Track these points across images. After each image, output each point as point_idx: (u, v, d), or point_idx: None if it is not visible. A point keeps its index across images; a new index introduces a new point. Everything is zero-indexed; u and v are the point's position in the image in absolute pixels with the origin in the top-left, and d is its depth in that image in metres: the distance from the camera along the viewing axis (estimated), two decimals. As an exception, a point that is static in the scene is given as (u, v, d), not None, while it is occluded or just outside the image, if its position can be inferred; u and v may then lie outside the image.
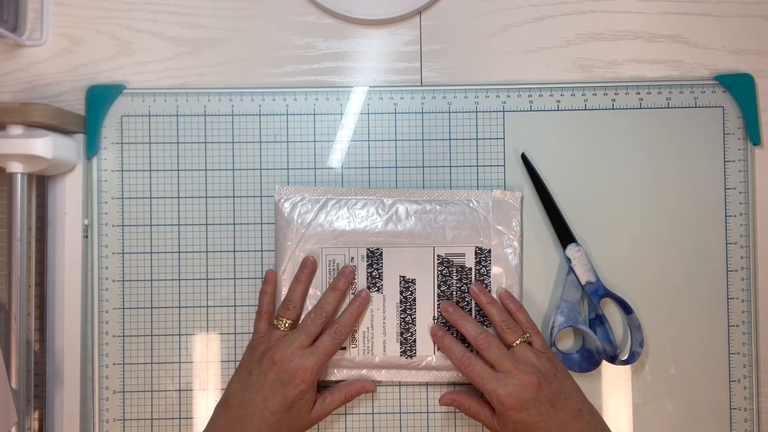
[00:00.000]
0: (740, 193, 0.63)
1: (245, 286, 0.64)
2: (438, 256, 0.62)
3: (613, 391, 0.63)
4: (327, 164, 0.64)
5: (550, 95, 0.64)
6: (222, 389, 0.63)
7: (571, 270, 0.62)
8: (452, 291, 0.62)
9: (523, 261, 0.63)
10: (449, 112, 0.64)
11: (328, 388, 0.60)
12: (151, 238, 0.64)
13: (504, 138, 0.64)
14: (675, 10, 0.65)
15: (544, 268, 0.63)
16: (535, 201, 0.64)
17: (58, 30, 0.65)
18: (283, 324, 0.58)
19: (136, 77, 0.65)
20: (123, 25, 0.65)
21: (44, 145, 0.57)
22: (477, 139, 0.64)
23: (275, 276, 0.61)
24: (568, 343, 0.64)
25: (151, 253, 0.64)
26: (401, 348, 0.61)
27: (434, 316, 0.62)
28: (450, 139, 0.64)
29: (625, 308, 0.62)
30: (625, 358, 0.62)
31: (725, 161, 0.64)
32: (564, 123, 0.64)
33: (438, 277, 0.62)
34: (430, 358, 0.61)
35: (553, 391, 0.55)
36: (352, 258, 0.62)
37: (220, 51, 0.65)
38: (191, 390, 0.63)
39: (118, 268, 0.64)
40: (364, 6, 0.64)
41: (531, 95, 0.64)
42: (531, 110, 0.64)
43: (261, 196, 0.64)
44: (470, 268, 0.62)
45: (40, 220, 0.63)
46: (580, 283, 0.62)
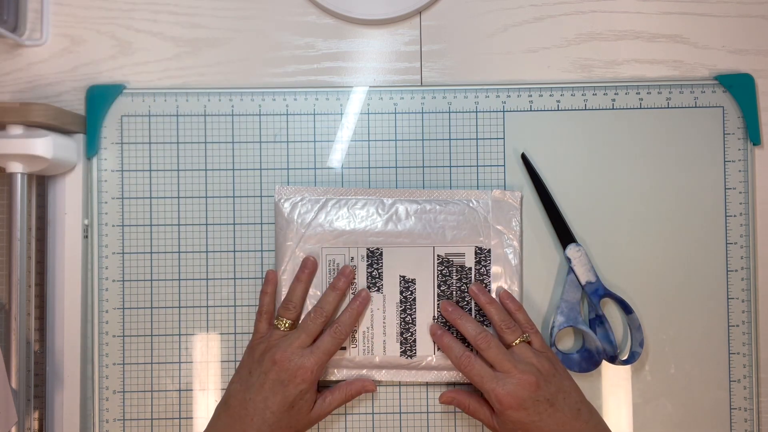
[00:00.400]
0: (740, 193, 0.63)
1: (245, 286, 0.64)
2: (438, 256, 0.62)
3: (613, 391, 0.63)
4: (327, 164, 0.64)
5: (550, 95, 0.64)
6: (222, 389, 0.63)
7: (571, 270, 0.62)
8: (452, 291, 0.62)
9: (523, 261, 0.63)
10: (449, 112, 0.64)
11: (329, 387, 0.60)
12: (151, 238, 0.64)
13: (504, 138, 0.64)
14: (675, 10, 0.65)
15: (544, 268, 0.63)
16: (535, 201, 0.64)
17: (58, 30, 0.65)
18: (284, 324, 0.58)
19: (136, 77, 0.65)
20: (123, 25, 0.65)
21: (44, 145, 0.57)
22: (477, 139, 0.64)
23: (276, 276, 0.61)
24: (568, 343, 0.64)
25: (151, 253, 0.64)
26: (401, 348, 0.61)
27: (434, 316, 0.62)
28: (450, 139, 0.64)
29: (625, 308, 0.62)
30: (625, 358, 0.62)
31: (725, 161, 0.64)
32: (564, 123, 0.64)
33: (438, 276, 0.62)
34: (430, 358, 0.61)
35: (552, 391, 0.55)
36: (352, 258, 0.62)
37: (220, 51, 0.65)
38: (191, 390, 0.63)
39: (118, 268, 0.64)
40: (364, 6, 0.64)
41: (531, 95, 0.64)
42: (531, 110, 0.64)
43: (261, 196, 0.64)
44: (470, 268, 0.62)
45: (40, 220, 0.63)
46: (580, 283, 0.62)
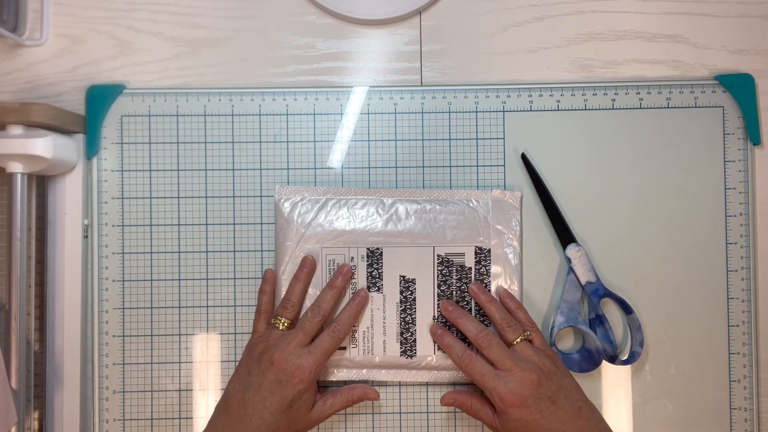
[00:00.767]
0: (740, 193, 0.63)
1: (245, 286, 0.64)
2: (438, 255, 0.62)
3: (613, 391, 0.63)
4: (327, 164, 0.64)
5: (550, 95, 0.64)
6: (222, 389, 0.63)
7: (571, 270, 0.62)
8: (452, 291, 0.62)
9: (523, 261, 0.63)
10: (449, 112, 0.64)
11: (330, 390, 0.60)
12: (151, 238, 0.64)
13: (504, 138, 0.64)
14: (675, 10, 0.65)
15: (544, 268, 0.63)
16: (535, 201, 0.64)
17: (58, 30, 0.65)
18: (282, 323, 0.58)
19: (136, 77, 0.65)
20: (123, 25, 0.65)
21: (44, 145, 0.57)
22: (477, 139, 0.64)
23: (274, 275, 0.61)
24: (568, 343, 0.64)
25: (151, 253, 0.64)
26: (401, 348, 0.61)
27: (434, 316, 0.61)
28: (450, 139, 0.64)
29: (625, 308, 0.62)
30: (625, 358, 0.62)
31: (725, 161, 0.64)
32: (564, 123, 0.64)
33: (438, 276, 0.62)
34: (430, 358, 0.61)
35: (553, 389, 0.55)
36: (352, 258, 0.62)
37: (220, 51, 0.65)
38: (191, 390, 0.63)
39: (118, 268, 0.64)
40: (364, 6, 0.64)
41: (531, 95, 0.64)
42: (531, 110, 0.64)
43: (261, 196, 0.64)
44: (470, 268, 0.62)
45: (40, 220, 0.63)
46: (580, 283, 0.62)
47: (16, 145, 0.57)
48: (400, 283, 0.62)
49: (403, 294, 0.62)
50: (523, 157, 0.64)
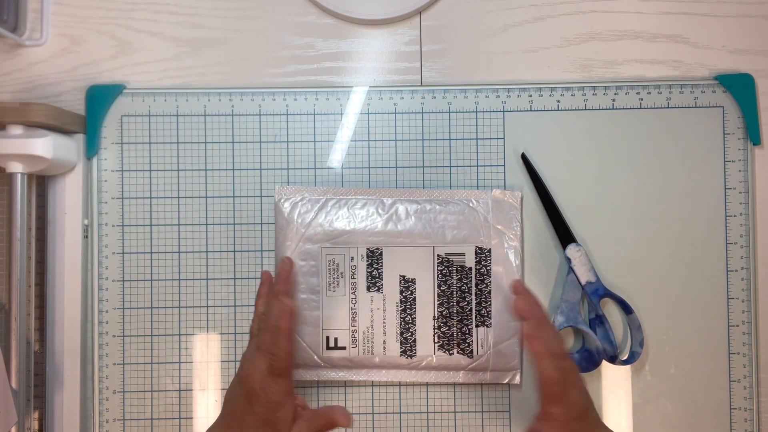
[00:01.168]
0: (740, 193, 0.63)
1: (245, 286, 0.64)
2: (438, 255, 0.62)
3: (613, 391, 0.63)
4: (327, 164, 0.64)
5: (550, 95, 0.64)
6: (222, 389, 0.63)
7: (571, 270, 0.62)
8: (452, 291, 0.62)
9: (524, 261, 0.63)
10: (449, 112, 0.64)
11: (312, 409, 0.55)
12: (151, 238, 0.64)
13: (504, 138, 0.64)
14: (675, 10, 0.65)
15: (544, 268, 0.63)
16: (535, 201, 0.64)
17: (58, 30, 0.65)
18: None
19: (136, 77, 0.65)
20: (123, 25, 0.65)
21: (44, 145, 0.57)
22: (477, 139, 0.64)
23: (270, 276, 0.61)
24: (568, 343, 0.64)
25: (151, 253, 0.64)
26: (401, 348, 0.61)
27: (434, 316, 0.61)
28: (450, 139, 0.64)
29: (625, 308, 0.62)
30: (625, 358, 0.62)
31: (725, 161, 0.64)
32: (564, 123, 0.64)
33: (438, 276, 0.62)
34: (430, 358, 0.61)
35: (594, 417, 0.53)
36: (352, 258, 0.62)
37: (220, 51, 0.65)
38: (191, 390, 0.63)
39: (118, 268, 0.63)
40: (364, 6, 0.64)
41: (531, 95, 0.64)
42: (531, 110, 0.64)
43: (261, 196, 0.64)
44: (470, 268, 0.62)
45: (40, 220, 0.63)
46: (580, 283, 0.62)
47: (16, 145, 0.57)
48: (400, 283, 0.62)
49: (403, 294, 0.62)
50: (523, 157, 0.64)
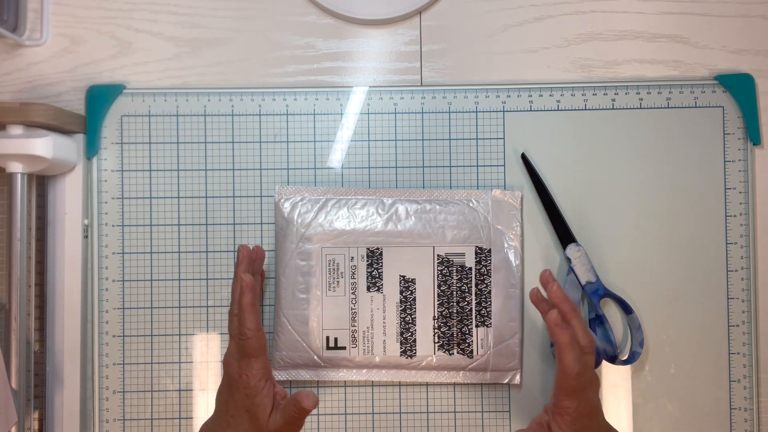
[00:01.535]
0: (740, 193, 0.63)
1: (245, 286, 0.63)
2: (438, 255, 0.62)
3: (613, 391, 0.63)
4: (327, 164, 0.64)
5: (550, 95, 0.64)
6: (222, 389, 0.63)
7: (571, 270, 0.62)
8: (452, 291, 0.62)
9: (524, 261, 0.63)
10: (449, 112, 0.64)
11: (286, 399, 0.54)
12: (151, 238, 0.64)
13: (504, 138, 0.64)
14: (675, 10, 0.65)
15: (544, 268, 0.63)
16: (535, 201, 0.64)
17: (58, 30, 0.65)
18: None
19: (136, 77, 0.65)
20: (123, 25, 0.65)
21: (44, 145, 0.57)
22: (477, 139, 0.64)
23: (249, 253, 0.58)
24: (568, 343, 0.64)
25: (151, 253, 0.64)
26: (401, 348, 0.61)
27: (434, 316, 0.61)
28: (450, 139, 0.64)
29: (625, 308, 0.62)
30: (625, 358, 0.62)
31: (725, 161, 0.64)
32: (564, 123, 0.64)
33: (438, 276, 0.62)
34: (430, 358, 0.61)
35: (601, 419, 0.56)
36: (352, 258, 0.62)
37: (220, 51, 0.65)
38: (191, 390, 0.63)
39: (118, 268, 0.63)
40: (364, 6, 0.64)
41: (531, 95, 0.64)
42: (531, 110, 0.64)
43: (261, 196, 0.64)
44: (470, 268, 0.62)
45: (40, 220, 0.63)
46: (580, 283, 0.62)
47: (16, 145, 0.57)
48: (400, 283, 0.62)
49: (403, 294, 0.62)
50: (523, 157, 0.64)
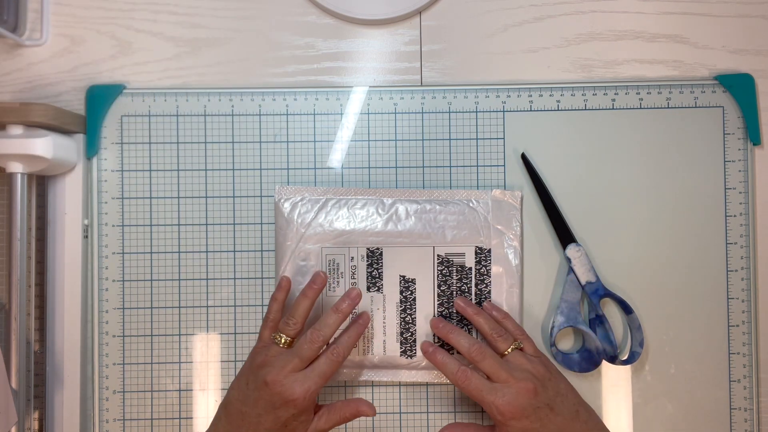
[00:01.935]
0: (740, 193, 0.63)
1: (245, 286, 0.64)
2: (438, 255, 0.62)
3: (613, 391, 0.63)
4: (327, 164, 0.64)
5: (550, 95, 0.64)
6: (222, 389, 0.63)
7: (571, 270, 0.62)
8: (452, 291, 0.62)
9: (524, 261, 0.63)
10: (449, 112, 0.64)
11: (326, 404, 0.57)
12: (151, 238, 0.64)
13: (504, 138, 0.64)
14: (675, 10, 0.65)
15: (544, 268, 0.63)
16: (535, 201, 0.64)
17: (58, 30, 0.65)
18: (283, 340, 0.55)
19: (136, 77, 0.65)
20: (123, 25, 0.65)
21: (44, 145, 0.57)
22: (477, 139, 0.64)
23: (289, 283, 0.59)
24: (568, 343, 0.64)
25: (151, 253, 0.64)
26: (401, 348, 0.61)
27: (434, 316, 0.61)
28: (450, 139, 0.64)
29: (625, 308, 0.62)
30: (625, 358, 0.62)
31: (725, 161, 0.64)
32: (564, 123, 0.64)
33: (438, 276, 0.62)
34: (430, 358, 0.61)
35: (550, 396, 0.54)
36: (352, 258, 0.62)
37: (220, 51, 0.65)
38: (191, 390, 0.63)
39: (118, 268, 0.64)
40: (364, 6, 0.64)
41: (531, 95, 0.64)
42: (531, 110, 0.64)
43: (261, 196, 0.64)
44: (470, 268, 0.62)
45: (40, 220, 0.63)
46: (580, 283, 0.62)
47: (16, 145, 0.57)
48: (400, 283, 0.62)
49: (403, 294, 0.62)
50: (523, 157, 0.64)
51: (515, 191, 0.63)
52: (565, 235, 0.63)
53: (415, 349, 0.61)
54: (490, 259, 0.62)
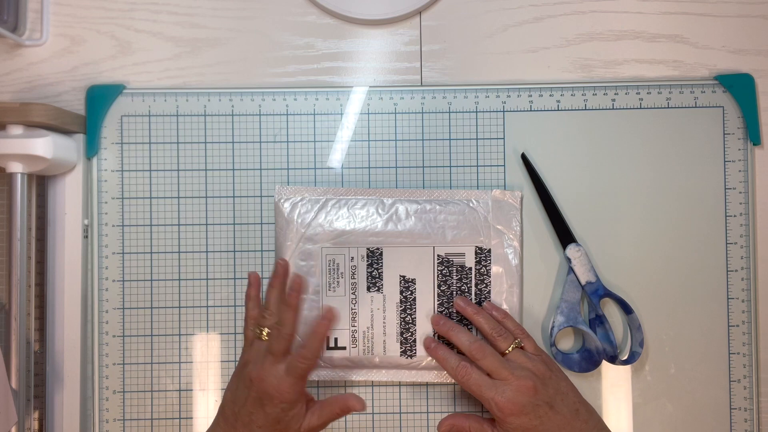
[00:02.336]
0: (740, 193, 0.63)
1: (245, 286, 0.63)
2: (438, 255, 0.62)
3: (613, 391, 0.63)
4: (327, 164, 0.64)
5: (550, 95, 0.64)
6: (222, 389, 0.63)
7: (571, 270, 0.62)
8: (452, 291, 0.62)
9: (523, 261, 0.63)
10: (449, 112, 0.64)
11: (319, 401, 0.56)
12: (151, 238, 0.64)
13: (504, 138, 0.64)
14: (675, 10, 0.65)
15: (544, 268, 0.63)
16: (535, 201, 0.64)
17: (58, 30, 0.65)
18: (264, 333, 0.55)
19: (136, 77, 0.65)
20: (123, 25, 0.65)
21: (44, 145, 0.57)
22: (477, 139, 0.64)
23: (258, 278, 0.59)
24: (568, 343, 0.64)
25: (151, 253, 0.64)
26: (401, 348, 0.61)
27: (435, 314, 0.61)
28: (450, 139, 0.64)
29: (625, 308, 0.62)
30: (625, 358, 0.62)
31: (725, 161, 0.64)
32: (564, 123, 0.64)
33: (438, 276, 0.62)
34: (430, 358, 0.61)
35: (549, 394, 0.54)
36: (352, 258, 0.62)
37: (220, 51, 0.65)
38: (191, 390, 0.63)
39: (118, 268, 0.64)
40: (364, 6, 0.64)
41: (531, 95, 0.64)
42: (531, 110, 0.64)
43: (261, 196, 0.64)
44: (470, 268, 0.62)
45: (40, 220, 0.63)
46: (580, 283, 0.62)
47: (16, 145, 0.57)
48: (400, 283, 0.62)
49: (403, 294, 0.62)
50: (523, 157, 0.64)
51: (515, 191, 0.63)
52: (565, 235, 0.63)
53: (416, 349, 0.61)
54: (490, 259, 0.62)
